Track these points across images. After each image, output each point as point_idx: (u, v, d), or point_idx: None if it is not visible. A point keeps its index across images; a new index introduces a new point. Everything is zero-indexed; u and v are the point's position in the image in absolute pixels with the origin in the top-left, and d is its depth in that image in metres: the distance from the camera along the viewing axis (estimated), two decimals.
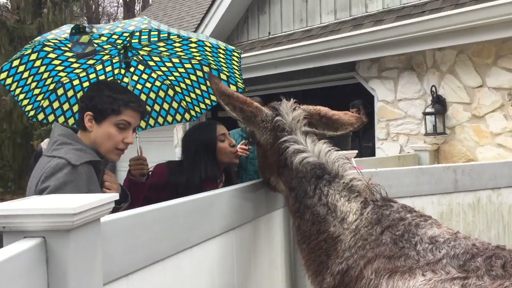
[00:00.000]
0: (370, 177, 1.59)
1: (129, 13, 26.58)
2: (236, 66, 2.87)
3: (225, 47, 2.71)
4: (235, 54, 2.79)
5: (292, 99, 1.88)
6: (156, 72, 3.01)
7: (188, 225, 1.61)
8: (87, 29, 2.04)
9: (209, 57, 2.85)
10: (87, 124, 2.06)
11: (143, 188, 2.43)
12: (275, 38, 7.62)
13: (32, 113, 2.71)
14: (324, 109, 1.86)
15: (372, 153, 6.61)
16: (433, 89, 5.90)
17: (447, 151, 5.89)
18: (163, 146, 8.91)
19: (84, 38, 2.02)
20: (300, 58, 6.91)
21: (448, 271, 1.16)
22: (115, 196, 1.16)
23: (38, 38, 2.27)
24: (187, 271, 1.62)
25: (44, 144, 5.64)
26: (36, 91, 2.61)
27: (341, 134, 1.88)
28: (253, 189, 2.20)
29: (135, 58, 2.84)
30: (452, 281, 1.13)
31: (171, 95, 3.12)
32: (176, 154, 9.14)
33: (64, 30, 2.15)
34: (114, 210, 1.21)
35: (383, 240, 1.32)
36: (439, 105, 5.81)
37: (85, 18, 26.41)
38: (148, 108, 3.04)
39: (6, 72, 2.44)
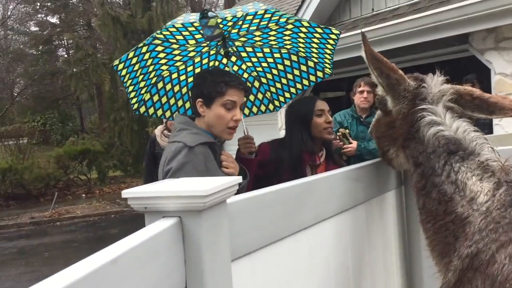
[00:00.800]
0: (506, 157, 1.47)
1: (229, 0, 27.20)
2: (330, 50, 2.83)
3: (322, 29, 2.68)
4: (332, 36, 2.75)
5: (442, 74, 1.79)
6: (246, 63, 3.03)
7: (303, 206, 1.65)
8: (209, 14, 2.18)
9: (300, 44, 2.84)
10: (199, 110, 2.24)
11: (253, 165, 2.53)
12: (379, 15, 7.32)
13: (136, 105, 2.77)
14: (477, 91, 1.74)
15: (490, 131, 6.13)
16: None
17: None
18: (267, 129, 9.07)
19: (212, 22, 2.18)
20: (407, 34, 6.56)
21: None
22: (239, 179, 1.23)
23: (169, 23, 2.39)
24: (304, 250, 1.66)
25: (158, 131, 6.00)
26: (142, 84, 2.68)
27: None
28: (364, 170, 2.18)
29: (230, 49, 2.85)
30: None
31: (257, 86, 3.15)
32: (280, 136, 9.27)
33: (188, 17, 2.29)
34: None
35: None
36: None
37: (189, 8, 27.56)
38: None
39: (123, 64, 2.54)
